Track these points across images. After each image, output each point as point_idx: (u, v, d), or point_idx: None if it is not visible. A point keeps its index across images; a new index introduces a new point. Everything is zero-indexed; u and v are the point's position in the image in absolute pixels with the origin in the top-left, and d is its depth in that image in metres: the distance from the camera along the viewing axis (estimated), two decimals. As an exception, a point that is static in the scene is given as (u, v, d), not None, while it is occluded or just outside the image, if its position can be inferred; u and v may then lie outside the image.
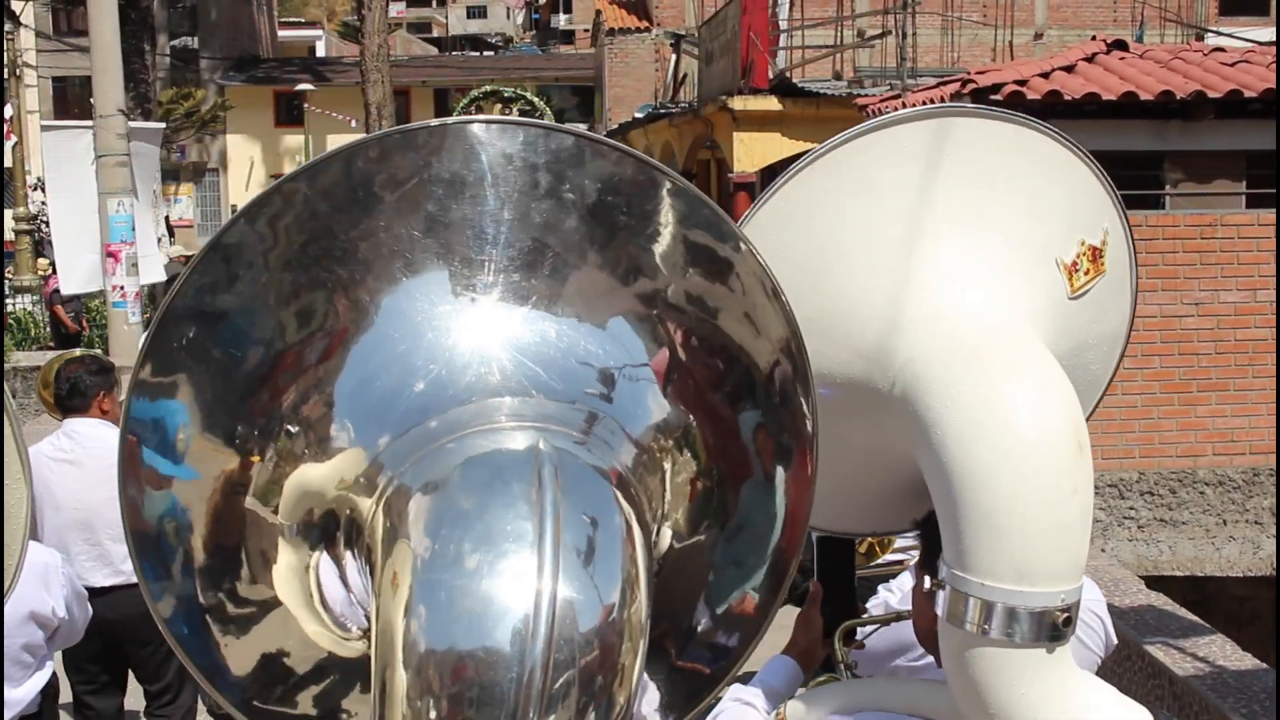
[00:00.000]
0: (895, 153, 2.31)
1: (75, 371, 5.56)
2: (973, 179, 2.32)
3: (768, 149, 17.34)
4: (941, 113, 2.37)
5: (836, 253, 2.30)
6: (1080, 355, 2.45)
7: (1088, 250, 2.39)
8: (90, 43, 13.38)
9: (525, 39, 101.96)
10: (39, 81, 47.23)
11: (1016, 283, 2.28)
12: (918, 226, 2.24)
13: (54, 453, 5.51)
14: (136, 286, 13.35)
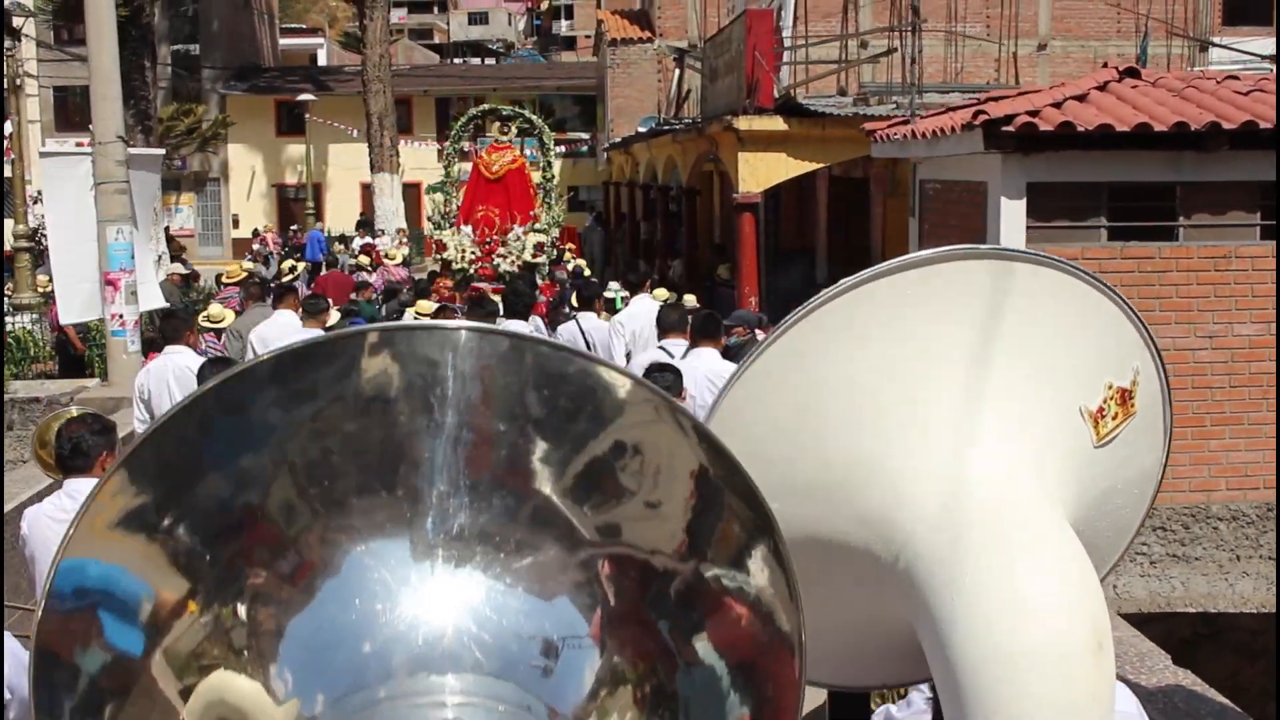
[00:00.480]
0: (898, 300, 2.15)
1: (77, 431, 5.54)
2: (986, 326, 2.17)
3: (773, 169, 17.20)
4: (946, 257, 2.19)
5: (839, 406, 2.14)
6: (1107, 502, 2.28)
7: (1116, 394, 2.20)
8: (89, 69, 13.25)
9: (527, 45, 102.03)
10: (40, 91, 47.15)
11: (1034, 441, 2.13)
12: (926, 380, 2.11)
13: (55, 513, 5.47)
14: (135, 314, 13.23)
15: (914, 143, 11.94)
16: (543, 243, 19.41)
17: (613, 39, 40.02)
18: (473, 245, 19.34)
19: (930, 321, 2.13)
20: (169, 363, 9.48)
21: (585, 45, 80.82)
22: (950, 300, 2.16)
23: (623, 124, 38.87)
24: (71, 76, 46.37)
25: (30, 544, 5.54)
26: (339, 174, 49.24)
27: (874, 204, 21.04)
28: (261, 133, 49.51)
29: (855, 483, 2.06)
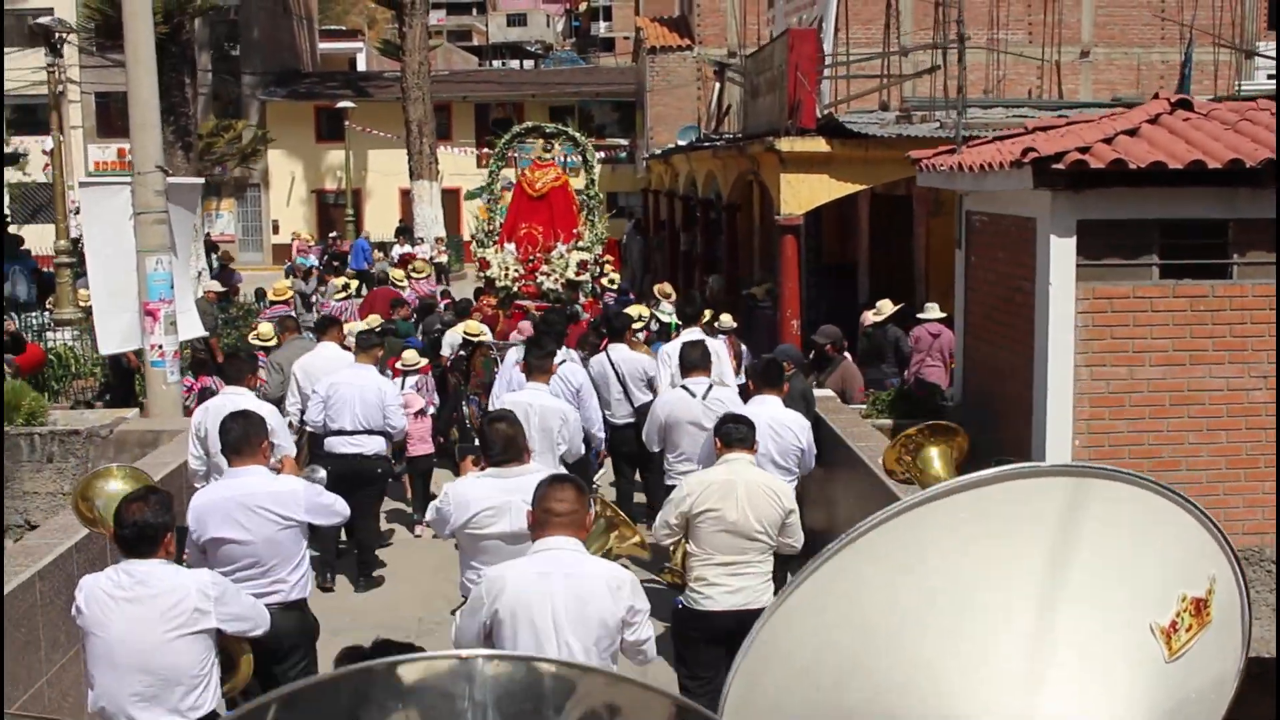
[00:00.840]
0: (950, 522, 1.99)
1: (141, 514, 5.54)
2: (1053, 550, 2.00)
3: (815, 191, 17.02)
4: (1008, 476, 2.03)
5: (886, 644, 2.00)
6: (1180, 711, 2.13)
7: (1189, 605, 2.09)
8: (128, 99, 13.19)
9: (565, 46, 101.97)
10: (82, 98, 47.35)
11: (1103, 668, 1.98)
12: (989, 612, 1.95)
13: (114, 590, 5.53)
14: (175, 345, 13.17)
15: (960, 175, 11.74)
16: (585, 260, 19.50)
17: (651, 47, 39.86)
18: (516, 263, 19.41)
19: (991, 546, 1.97)
20: (228, 403, 9.61)
21: (624, 47, 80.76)
22: (1013, 522, 1.99)
23: (662, 131, 38.72)
24: (113, 83, 46.56)
25: (85, 618, 5.56)
26: (378, 180, 49.28)
27: (917, 222, 20.83)
28: (301, 139, 49.60)
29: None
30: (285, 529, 6.93)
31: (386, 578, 11.73)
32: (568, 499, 5.42)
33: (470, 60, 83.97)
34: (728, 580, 7.28)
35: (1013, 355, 11.37)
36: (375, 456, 11.15)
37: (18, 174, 39.98)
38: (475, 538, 6.93)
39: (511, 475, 6.83)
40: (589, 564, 5.45)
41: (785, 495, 7.47)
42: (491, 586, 5.39)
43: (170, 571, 5.57)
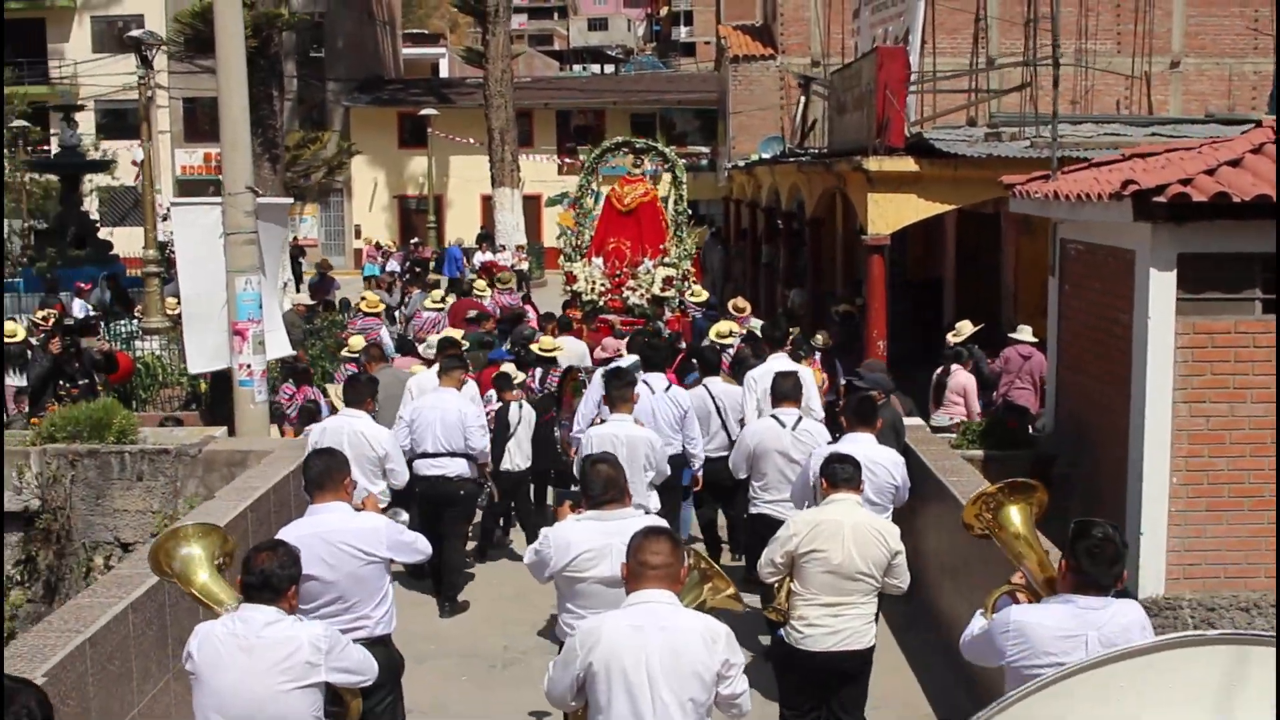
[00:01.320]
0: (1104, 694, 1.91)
1: (268, 565, 5.61)
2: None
3: (903, 211, 16.82)
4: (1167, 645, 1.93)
5: None
6: None
7: None
8: (219, 120, 13.28)
9: (646, 51, 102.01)
10: (170, 103, 48.01)
11: None
12: None
13: (226, 637, 5.57)
14: (263, 365, 13.25)
15: (1056, 204, 11.53)
16: (671, 276, 19.63)
17: (734, 56, 39.70)
18: (603, 278, 19.66)
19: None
20: (345, 424, 9.98)
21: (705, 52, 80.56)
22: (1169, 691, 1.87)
23: (744, 140, 38.55)
24: (201, 88, 47.12)
25: (197, 664, 5.59)
26: (460, 185, 49.53)
27: (1006, 240, 20.55)
28: (384, 145, 49.98)
29: None
30: (368, 565, 6.93)
31: (470, 603, 11.70)
32: (663, 552, 5.39)
33: (551, 65, 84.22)
34: (829, 621, 7.33)
35: (1108, 387, 11.15)
36: (458, 478, 11.25)
37: (107, 178, 40.58)
38: (574, 581, 6.92)
39: (612, 518, 6.85)
40: (684, 617, 5.40)
41: (892, 537, 7.48)
42: (586, 639, 5.37)
43: (286, 624, 5.58)
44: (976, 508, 6.25)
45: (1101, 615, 5.34)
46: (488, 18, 39.94)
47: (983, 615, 5.84)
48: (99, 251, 32.74)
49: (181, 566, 5.92)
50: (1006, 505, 6.13)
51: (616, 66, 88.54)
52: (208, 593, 5.90)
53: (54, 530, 12.37)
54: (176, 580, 5.99)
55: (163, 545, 6.05)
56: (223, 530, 6.09)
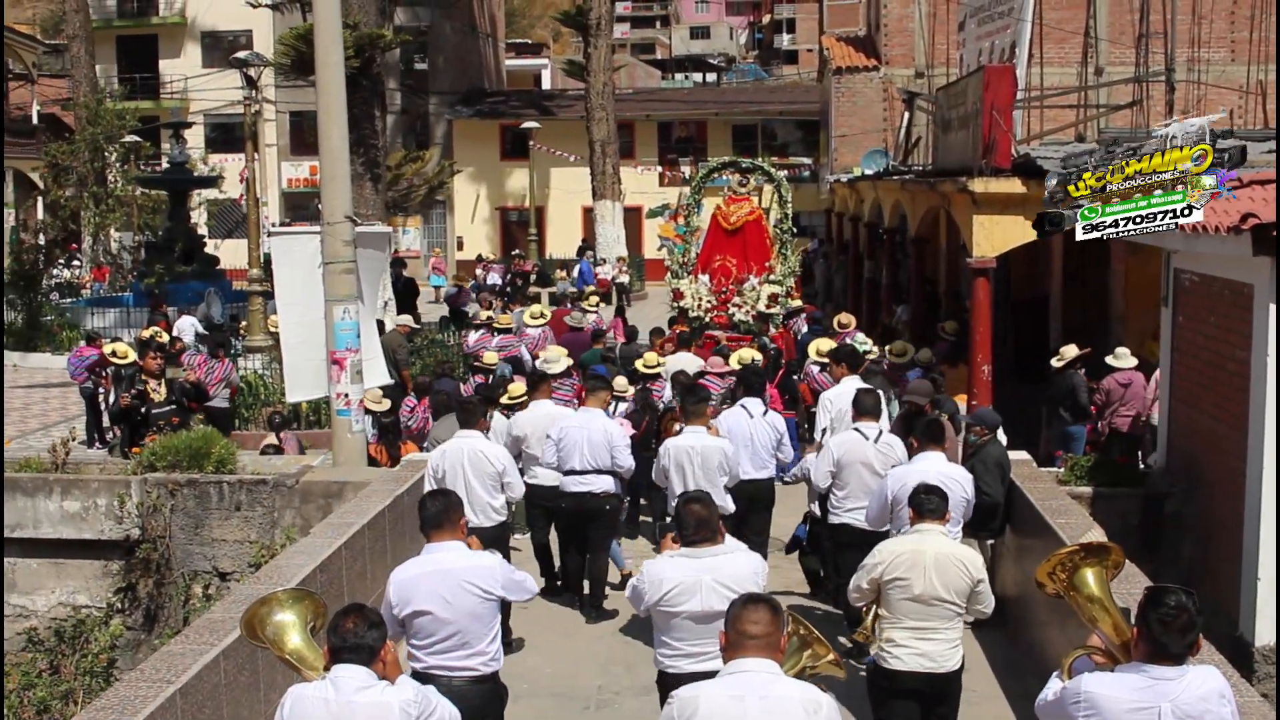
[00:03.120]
0: None
1: (356, 628, 5.52)
2: None
3: (1009, 233, 16.44)
4: None
5: None
6: None
7: None
8: (319, 150, 13.29)
9: (748, 59, 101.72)
10: (277, 116, 48.60)
11: None
12: None
13: (318, 700, 5.50)
14: (360, 394, 13.23)
15: (1171, 234, 11.15)
16: (776, 293, 20.16)
17: (837, 67, 39.37)
18: (709, 294, 20.23)
19: None
20: (464, 445, 10.50)
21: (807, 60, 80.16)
22: None
23: (846, 152, 38.21)
24: (306, 101, 47.65)
25: None
26: (560, 198, 49.59)
27: (1115, 259, 20.03)
28: (486, 157, 50.18)
29: None
30: (484, 603, 7.12)
31: (565, 640, 11.56)
32: (762, 621, 5.25)
33: (653, 73, 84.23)
34: (915, 643, 7.52)
35: (1224, 425, 10.77)
36: (603, 494, 11.65)
37: (214, 192, 41.18)
38: (667, 615, 7.11)
39: (703, 555, 7.04)
40: (783, 685, 5.26)
41: (974, 566, 7.64)
42: (684, 708, 5.28)
43: (377, 689, 5.49)
44: (1050, 567, 6.12)
45: (1176, 686, 5.16)
46: (590, 30, 40.00)
47: (1059, 677, 5.72)
48: (206, 266, 33.16)
49: (274, 633, 5.86)
50: (1082, 568, 6.04)
51: (718, 75, 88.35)
52: (300, 657, 5.81)
53: (154, 559, 12.46)
54: (269, 645, 5.90)
55: (256, 613, 5.96)
56: (317, 597, 6.04)
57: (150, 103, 50.25)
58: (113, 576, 12.73)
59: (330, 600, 9.18)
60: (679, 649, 7.09)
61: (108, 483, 12.68)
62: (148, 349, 15.95)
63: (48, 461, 13.20)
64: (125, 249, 38.73)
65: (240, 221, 44.04)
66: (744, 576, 6.98)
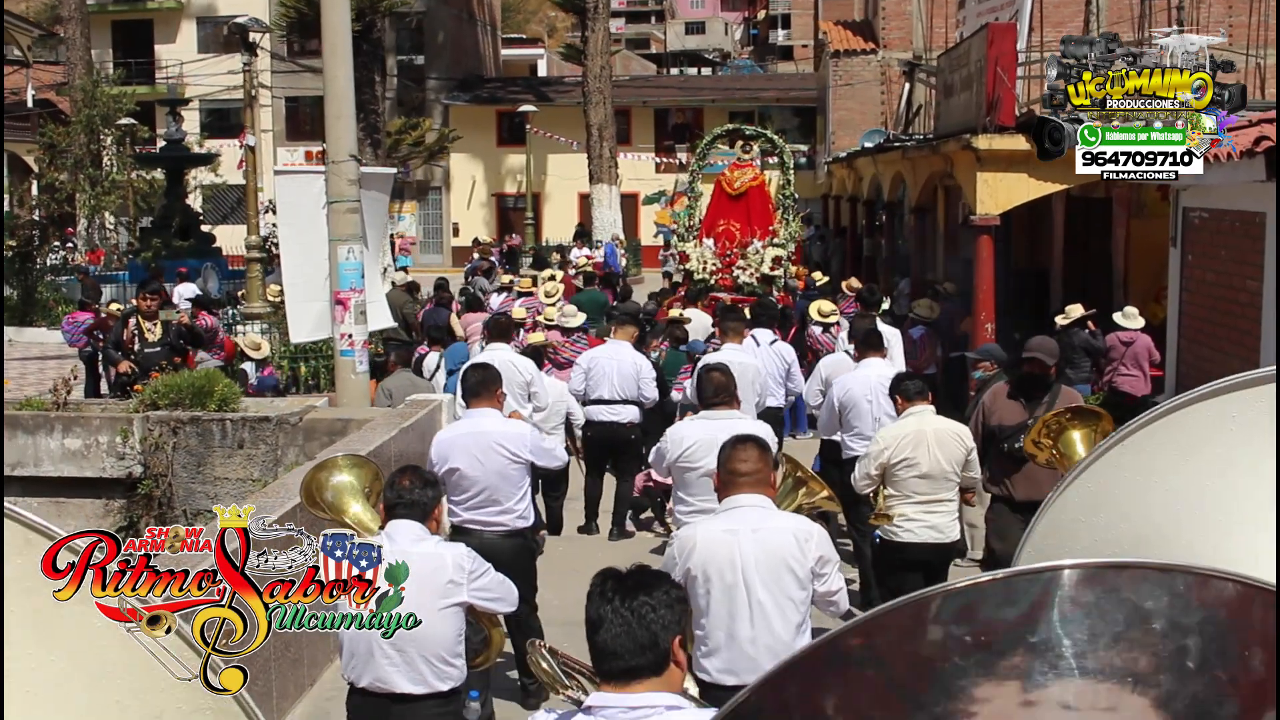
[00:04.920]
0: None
1: (411, 485, 5.76)
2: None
3: (1013, 190, 16.38)
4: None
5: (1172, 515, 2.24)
6: None
7: None
8: (325, 89, 13.23)
9: (743, 55, 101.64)
10: (273, 102, 48.43)
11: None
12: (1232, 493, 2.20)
13: None
14: (364, 335, 13.16)
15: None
16: (780, 256, 20.79)
17: (835, 50, 39.34)
18: (714, 258, 20.72)
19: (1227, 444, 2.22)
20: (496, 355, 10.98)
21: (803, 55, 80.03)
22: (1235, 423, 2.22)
23: (844, 136, 38.17)
24: (302, 88, 47.65)
25: None
26: (557, 183, 49.49)
27: (1116, 224, 19.99)
28: (483, 142, 50.06)
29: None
30: (514, 464, 7.78)
31: (575, 576, 11.50)
32: (750, 459, 5.53)
33: (649, 68, 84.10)
34: (924, 516, 8.15)
35: (1234, 359, 10.74)
36: (630, 424, 12.22)
37: (210, 175, 41.11)
38: (686, 470, 7.83)
39: (720, 417, 7.76)
40: (775, 519, 5.57)
41: (966, 435, 8.36)
42: (683, 546, 5.56)
43: (431, 543, 5.68)
44: (1036, 433, 6.40)
45: None
46: (587, 14, 39.91)
47: None
48: (203, 243, 33.09)
49: (333, 497, 5.97)
50: (1068, 429, 6.27)
51: (714, 70, 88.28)
52: (360, 522, 5.90)
53: (155, 497, 12.36)
54: (328, 511, 6.00)
55: (314, 478, 6.07)
56: (375, 464, 6.21)
57: (146, 88, 50.06)
58: (114, 514, 12.64)
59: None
60: (694, 505, 7.62)
61: (109, 420, 12.59)
62: (143, 290, 15.85)
63: (49, 401, 13.12)
64: (122, 225, 38.61)
65: (236, 206, 44.05)
66: None
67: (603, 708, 3.26)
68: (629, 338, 12.36)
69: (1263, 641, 1.50)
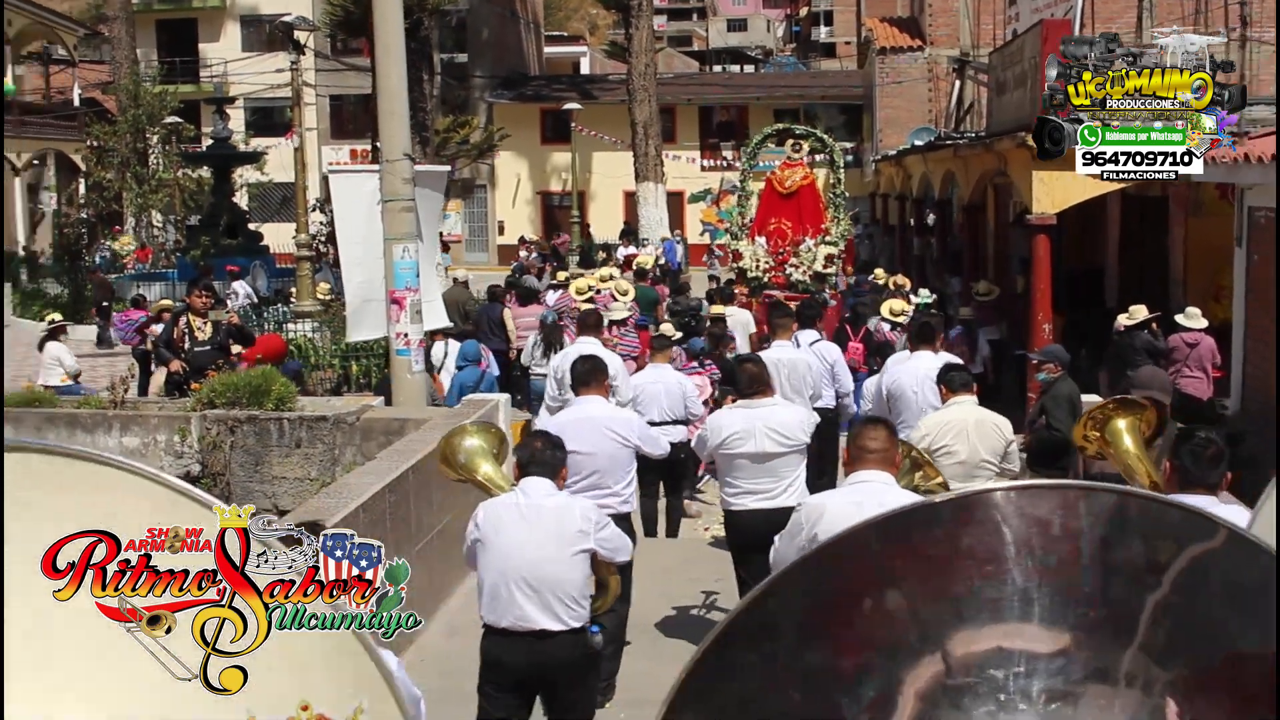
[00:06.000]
0: None
1: (542, 446, 6.51)
2: None
3: (1070, 189, 16.20)
4: None
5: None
6: None
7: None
8: (377, 88, 13.20)
9: (785, 52, 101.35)
10: (317, 100, 48.62)
11: None
12: None
13: (509, 506, 6.42)
14: (420, 334, 13.12)
15: (1245, 167, 10.95)
16: (832, 254, 20.98)
17: (881, 48, 39.14)
18: (766, 255, 21.02)
19: None
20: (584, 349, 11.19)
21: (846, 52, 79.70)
22: None
23: (891, 133, 37.99)
24: (346, 86, 47.78)
25: (482, 532, 6.39)
26: (602, 182, 49.39)
27: (1174, 224, 19.76)
28: (528, 140, 50.02)
29: None
30: (622, 448, 8.24)
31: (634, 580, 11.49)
32: (879, 437, 6.03)
33: (691, 65, 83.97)
34: None
35: (1303, 360, 10.58)
36: (681, 442, 12.27)
37: (256, 174, 41.31)
38: (727, 457, 8.33)
39: (756, 406, 8.23)
40: (896, 494, 5.93)
41: (1006, 428, 8.64)
42: (810, 514, 6.00)
43: (561, 497, 6.45)
44: (1083, 425, 6.58)
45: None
46: (631, 11, 39.78)
47: None
48: (250, 241, 33.22)
49: (467, 459, 6.74)
50: (1114, 419, 6.39)
51: (756, 67, 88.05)
52: (490, 479, 6.68)
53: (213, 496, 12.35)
54: (462, 473, 6.78)
55: (448, 444, 6.83)
56: (500, 430, 7.03)
57: (191, 86, 50.31)
58: (171, 513, 12.65)
59: (397, 525, 9.16)
60: (740, 487, 8.26)
61: (167, 419, 12.60)
62: (194, 287, 15.89)
63: (106, 399, 13.15)
64: (170, 223, 38.83)
65: (282, 205, 44.22)
66: (792, 424, 8.28)
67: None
68: (667, 360, 12.65)
69: None
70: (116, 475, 2.12)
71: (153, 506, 2.13)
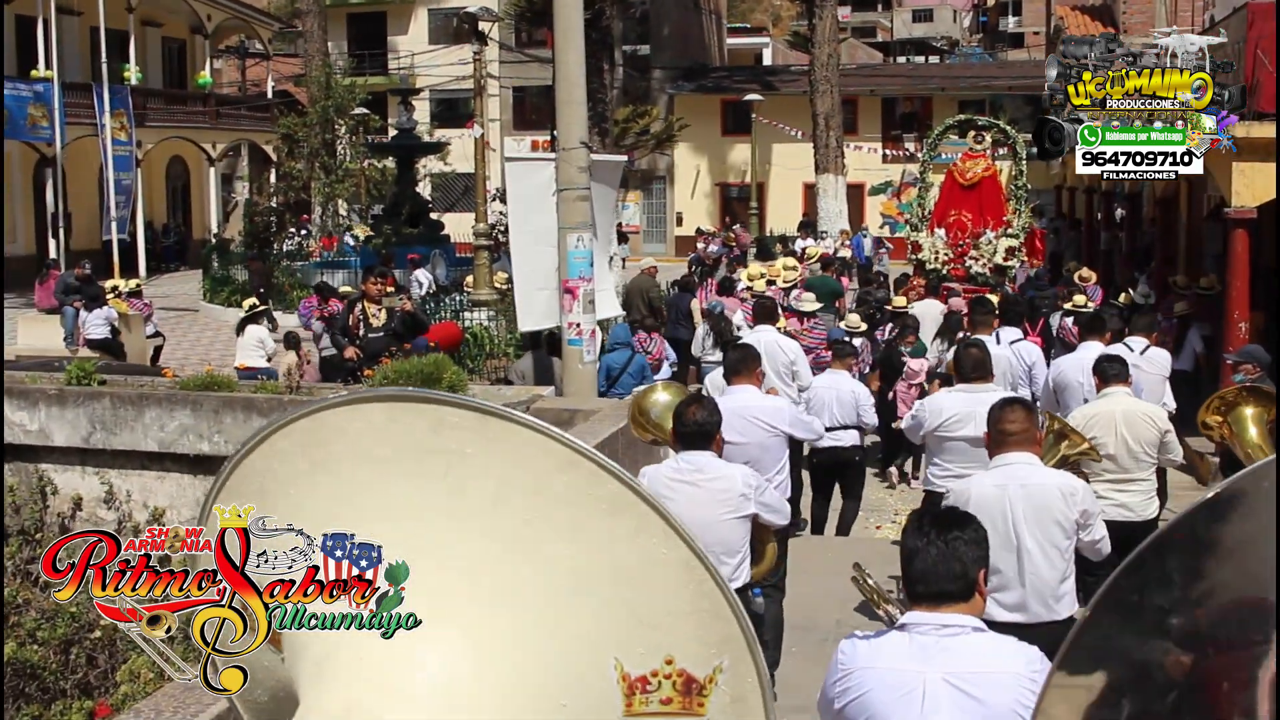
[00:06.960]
0: None
1: (699, 415, 6.62)
2: None
3: (1272, 181, 15.44)
4: None
5: None
6: None
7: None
8: (555, 75, 13.13)
9: (972, 42, 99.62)
10: (500, 91, 49.15)
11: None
12: None
13: (673, 474, 6.56)
14: (592, 324, 13.04)
15: None
16: (1013, 247, 20.96)
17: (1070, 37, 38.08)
18: (945, 247, 21.05)
19: None
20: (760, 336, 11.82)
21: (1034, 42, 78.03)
22: None
23: (1080, 125, 36.90)
24: (529, 77, 48.22)
25: None
26: (781, 174, 49.00)
27: (1383, 218, 18.71)
28: (707, 132, 49.89)
29: None
30: (773, 436, 8.27)
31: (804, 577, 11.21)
32: (1018, 419, 6.08)
33: (875, 56, 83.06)
34: (1114, 494, 8.33)
35: None
36: (852, 447, 12.58)
37: (439, 164, 41.87)
38: (943, 439, 8.47)
39: (977, 391, 8.34)
40: (1042, 474, 6.13)
41: (1160, 419, 8.61)
42: (958, 498, 6.05)
43: (720, 464, 6.60)
44: (1210, 405, 6.71)
45: None
46: (814, 1, 39.36)
47: None
48: (431, 230, 33.64)
49: (658, 415, 7.03)
50: (1240, 406, 6.47)
51: (941, 58, 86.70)
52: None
53: (385, 482, 12.42)
54: (653, 431, 7.07)
55: (638, 404, 7.18)
56: (684, 386, 7.56)
57: (380, 78, 51.28)
58: (344, 499, 12.76)
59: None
60: (949, 470, 8.33)
61: (342, 405, 12.70)
62: (370, 275, 16.05)
63: (283, 384, 13.32)
64: (355, 212, 39.59)
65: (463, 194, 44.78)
66: None
67: (917, 625, 3.79)
68: (846, 368, 12.72)
69: None
70: (527, 434, 2.27)
71: (555, 465, 2.23)
